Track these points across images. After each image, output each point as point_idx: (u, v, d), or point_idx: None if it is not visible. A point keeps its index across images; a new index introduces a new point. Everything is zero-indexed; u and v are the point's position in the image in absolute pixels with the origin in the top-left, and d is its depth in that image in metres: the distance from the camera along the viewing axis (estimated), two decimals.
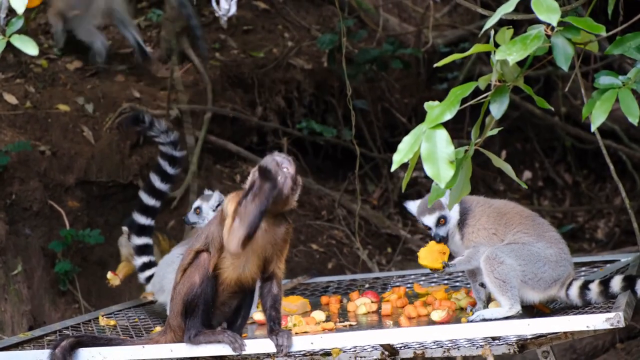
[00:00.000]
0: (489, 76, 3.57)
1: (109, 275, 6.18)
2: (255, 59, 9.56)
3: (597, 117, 3.53)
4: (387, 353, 4.69)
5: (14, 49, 3.85)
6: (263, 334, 4.69)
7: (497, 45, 3.51)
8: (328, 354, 4.73)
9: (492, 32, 3.58)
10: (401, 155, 3.46)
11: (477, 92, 3.64)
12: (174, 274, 4.77)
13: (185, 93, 8.75)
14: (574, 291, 4.73)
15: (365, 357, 4.74)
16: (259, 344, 4.47)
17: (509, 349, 4.65)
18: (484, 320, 4.59)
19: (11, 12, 3.87)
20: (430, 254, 4.87)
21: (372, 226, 9.39)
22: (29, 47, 3.75)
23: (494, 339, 4.62)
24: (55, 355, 4.52)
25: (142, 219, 6.09)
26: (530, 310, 4.76)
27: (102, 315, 5.57)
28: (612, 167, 5.33)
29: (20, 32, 3.84)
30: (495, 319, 4.57)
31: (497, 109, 3.56)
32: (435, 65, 3.71)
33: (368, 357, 4.74)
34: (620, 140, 9.75)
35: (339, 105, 9.81)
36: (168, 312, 4.96)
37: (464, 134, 9.72)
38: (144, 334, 5.16)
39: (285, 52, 9.69)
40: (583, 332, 4.47)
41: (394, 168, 3.48)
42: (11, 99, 8.15)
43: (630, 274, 4.76)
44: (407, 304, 5.23)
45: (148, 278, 6.01)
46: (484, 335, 4.47)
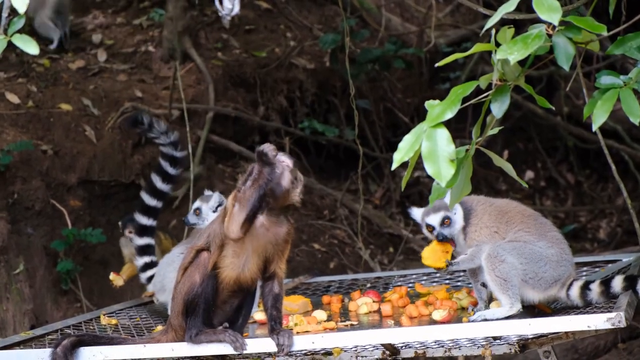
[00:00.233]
0: (490, 75, 3.57)
1: (112, 276, 6.18)
2: (258, 58, 9.56)
3: (598, 117, 3.53)
4: (388, 352, 4.69)
5: (16, 48, 3.86)
6: (264, 333, 4.69)
7: (498, 45, 3.51)
8: (329, 353, 4.73)
9: (494, 32, 3.58)
10: (402, 154, 3.46)
11: (480, 91, 3.64)
12: (175, 273, 4.77)
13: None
14: (574, 291, 4.72)
15: (366, 356, 4.73)
16: (260, 343, 4.47)
17: (510, 349, 4.64)
18: (485, 320, 4.59)
19: (13, 11, 3.87)
20: (434, 253, 4.87)
21: (374, 226, 9.39)
22: (30, 47, 3.76)
23: (495, 338, 4.61)
24: (56, 354, 4.52)
25: (143, 220, 6.10)
26: (532, 310, 4.76)
27: (104, 314, 5.57)
28: (613, 167, 5.33)
29: (21, 31, 3.85)
30: (497, 319, 4.57)
31: (498, 108, 3.56)
32: (437, 65, 3.71)
33: (369, 357, 4.73)
34: (622, 140, 9.74)
35: (341, 104, 9.81)
36: (169, 312, 4.96)
37: (466, 133, 9.71)
38: (145, 333, 5.16)
39: (287, 52, 9.69)
40: (584, 332, 4.46)
41: (394, 167, 3.48)
42: (13, 98, 8.16)
43: (632, 274, 4.75)
44: (409, 304, 5.24)
45: (149, 278, 6.02)
46: (485, 335, 4.47)
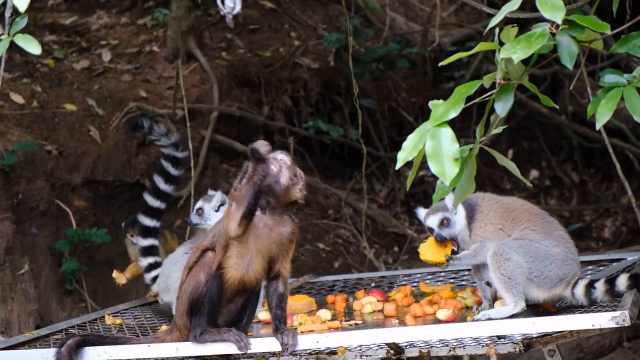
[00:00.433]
0: (493, 74, 3.57)
1: (115, 274, 6.19)
2: (262, 58, 9.56)
3: (602, 116, 3.52)
4: (392, 352, 4.68)
5: (21, 48, 3.86)
6: (268, 332, 4.70)
7: (501, 44, 3.50)
8: (333, 352, 4.72)
9: (497, 31, 3.57)
10: (406, 153, 3.46)
11: (484, 90, 3.64)
12: (179, 273, 4.77)
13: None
14: (579, 290, 4.72)
15: (370, 355, 4.73)
16: (265, 343, 4.47)
17: (515, 348, 4.64)
18: (490, 319, 4.59)
19: (16, 12, 3.87)
20: (431, 248, 4.87)
21: (378, 225, 9.38)
22: (32, 47, 3.76)
23: (499, 337, 4.61)
24: (61, 353, 4.52)
25: (147, 221, 6.10)
26: (536, 309, 4.76)
27: (109, 314, 5.58)
28: (618, 165, 5.32)
29: (24, 31, 3.85)
30: (501, 318, 4.57)
31: (502, 107, 3.56)
32: (440, 64, 3.70)
33: (373, 356, 4.73)
34: (627, 139, 9.71)
35: (345, 104, 9.80)
36: (174, 311, 4.97)
37: (470, 132, 9.70)
38: (150, 333, 5.16)
39: (291, 51, 9.69)
40: (589, 331, 4.46)
41: (398, 166, 3.48)
42: (18, 98, 8.16)
43: (636, 272, 4.74)
44: (413, 303, 5.23)
45: (154, 278, 6.02)
46: (490, 334, 4.47)
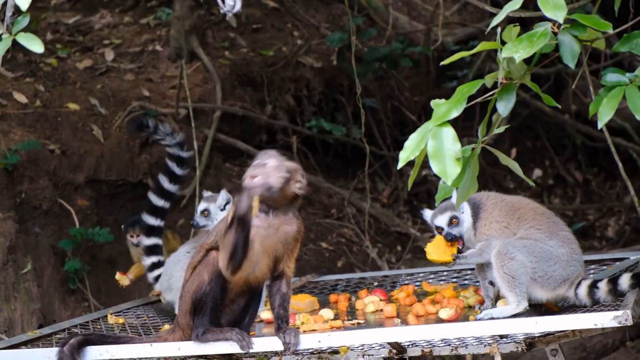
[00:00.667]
0: (495, 74, 3.56)
1: (118, 275, 6.19)
2: (265, 57, 9.56)
3: (604, 115, 3.52)
4: (394, 351, 4.68)
5: (24, 48, 3.86)
6: (271, 332, 4.69)
7: (503, 43, 3.50)
8: (336, 352, 4.72)
9: (499, 30, 3.57)
10: (407, 152, 3.45)
11: (487, 90, 3.63)
12: (181, 272, 4.77)
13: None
14: (582, 291, 4.71)
15: (372, 355, 4.72)
16: (267, 342, 4.47)
17: (517, 347, 4.63)
18: (492, 318, 4.59)
19: (18, 11, 3.87)
20: (437, 247, 4.86)
21: (381, 224, 9.38)
22: (35, 45, 3.75)
23: (501, 337, 4.61)
24: (63, 352, 4.52)
25: (151, 220, 6.10)
26: (539, 309, 4.75)
27: (111, 313, 5.58)
28: (620, 165, 5.31)
29: (26, 30, 3.85)
30: (504, 317, 4.57)
31: (504, 107, 3.56)
32: (442, 63, 3.70)
33: (376, 355, 4.72)
34: (630, 138, 9.70)
35: (348, 103, 9.80)
36: (176, 311, 4.96)
37: (474, 131, 9.69)
38: (152, 332, 5.16)
39: (294, 51, 9.68)
40: (591, 330, 4.45)
41: (400, 165, 3.47)
42: (21, 97, 8.17)
43: (639, 272, 4.74)
44: (416, 302, 5.23)
45: (157, 277, 6.02)
46: (492, 333, 4.46)
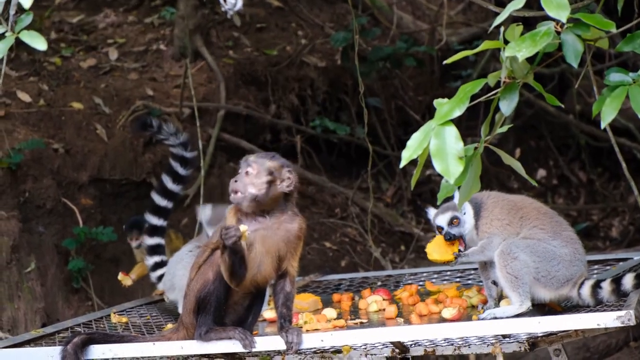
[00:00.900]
0: (498, 73, 3.56)
1: (120, 276, 6.20)
2: (269, 56, 9.56)
3: (607, 114, 3.51)
4: (397, 350, 4.68)
5: (28, 47, 3.86)
6: (273, 331, 4.70)
7: (507, 42, 3.50)
8: (338, 351, 4.72)
9: (503, 29, 3.57)
10: (410, 151, 3.45)
11: (491, 89, 3.63)
12: (184, 271, 4.78)
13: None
14: (586, 290, 4.71)
15: (375, 354, 4.72)
16: (270, 341, 4.48)
17: (520, 347, 4.62)
18: (495, 318, 4.59)
19: (22, 9, 3.87)
20: (438, 247, 4.85)
21: (385, 224, 9.38)
22: (38, 43, 3.75)
23: (504, 336, 4.60)
24: (66, 351, 4.53)
25: (154, 220, 6.11)
26: (542, 308, 4.75)
27: (114, 313, 5.58)
28: (624, 165, 5.31)
29: (30, 28, 3.85)
30: (506, 317, 4.57)
31: (507, 106, 3.55)
32: (445, 62, 3.70)
33: (378, 355, 4.72)
34: (634, 138, 9.69)
35: (352, 103, 9.79)
36: (179, 310, 4.97)
37: (477, 131, 9.65)
38: (155, 331, 5.17)
39: (298, 50, 9.68)
40: (594, 330, 4.45)
41: (402, 164, 3.47)
42: (25, 97, 8.17)
43: None
44: (419, 302, 5.23)
45: (160, 277, 6.03)
46: (495, 332, 4.46)
